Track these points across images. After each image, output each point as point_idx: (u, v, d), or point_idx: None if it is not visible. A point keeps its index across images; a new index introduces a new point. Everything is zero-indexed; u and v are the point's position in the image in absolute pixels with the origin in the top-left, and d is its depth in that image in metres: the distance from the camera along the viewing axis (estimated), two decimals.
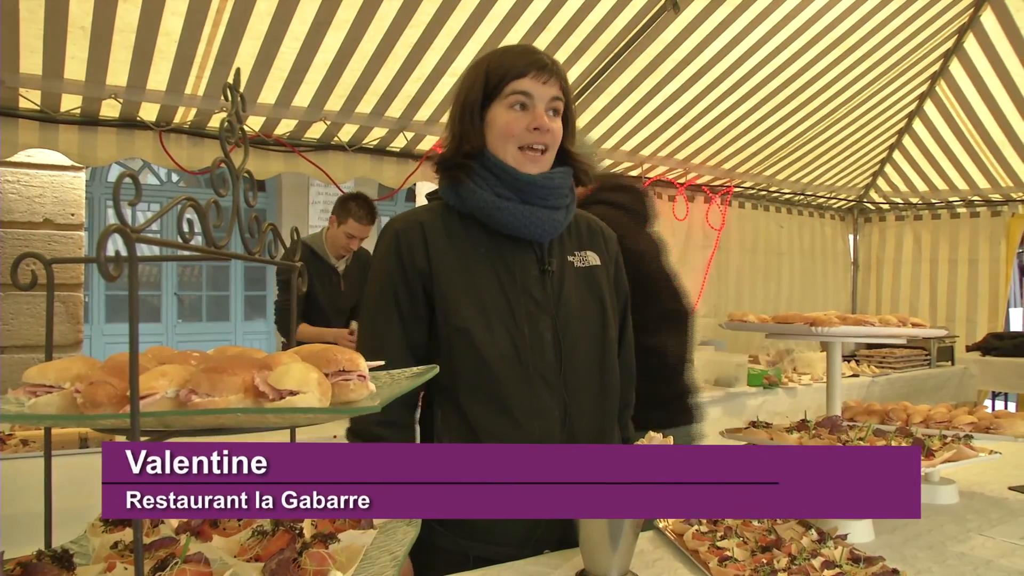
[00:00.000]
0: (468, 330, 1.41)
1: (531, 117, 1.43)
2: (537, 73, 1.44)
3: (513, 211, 1.44)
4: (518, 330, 1.43)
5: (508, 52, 1.51)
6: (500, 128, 1.45)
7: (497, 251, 1.47)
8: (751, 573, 1.18)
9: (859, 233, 7.27)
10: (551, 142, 1.46)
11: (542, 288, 1.47)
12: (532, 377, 1.42)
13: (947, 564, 1.31)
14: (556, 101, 1.46)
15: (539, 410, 1.42)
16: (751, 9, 4.02)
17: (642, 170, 5.33)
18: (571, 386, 1.45)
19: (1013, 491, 1.78)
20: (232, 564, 0.91)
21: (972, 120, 5.63)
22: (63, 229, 3.86)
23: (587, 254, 1.56)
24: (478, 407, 1.42)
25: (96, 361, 0.88)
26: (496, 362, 1.41)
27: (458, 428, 1.43)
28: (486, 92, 1.47)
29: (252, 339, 8.53)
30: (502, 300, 1.44)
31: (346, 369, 0.87)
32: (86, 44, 2.99)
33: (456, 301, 1.43)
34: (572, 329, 1.47)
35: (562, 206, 1.50)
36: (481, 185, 1.45)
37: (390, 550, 1.00)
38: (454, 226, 1.48)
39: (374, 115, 3.94)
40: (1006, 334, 5.93)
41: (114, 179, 5.05)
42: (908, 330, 1.69)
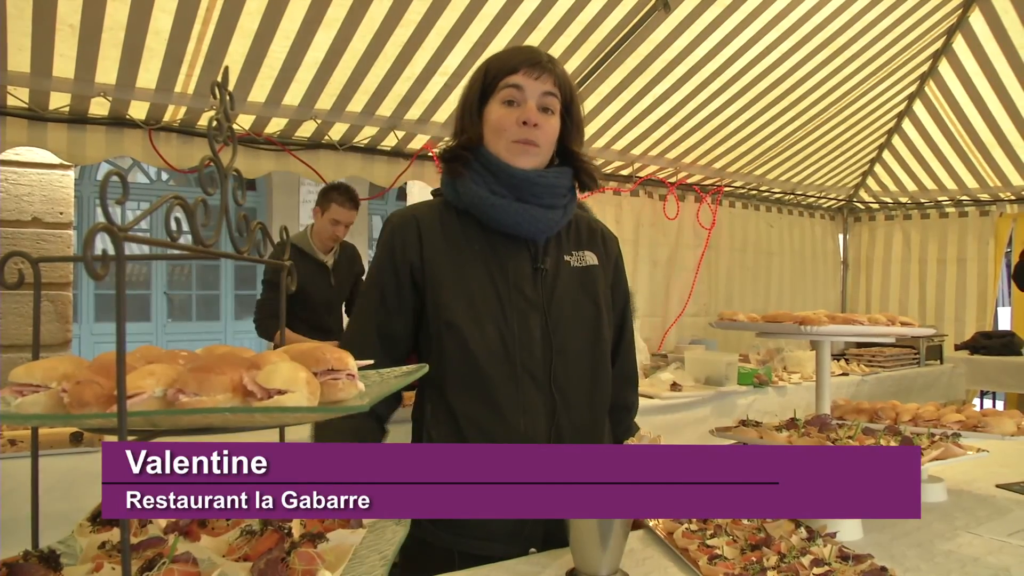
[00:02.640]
0: (457, 325, 1.42)
1: (521, 112, 1.44)
2: (529, 69, 1.45)
3: (507, 208, 1.44)
4: (507, 327, 1.43)
5: (508, 51, 1.54)
6: (493, 124, 1.46)
7: (491, 248, 1.47)
8: (741, 571, 1.19)
9: (849, 233, 7.31)
10: (541, 138, 1.46)
11: (534, 286, 1.47)
12: (519, 374, 1.43)
13: (935, 562, 1.31)
14: (549, 97, 1.46)
15: (525, 406, 1.42)
16: (742, 9, 4.03)
17: (633, 169, 5.35)
18: (560, 384, 1.46)
19: (1000, 489, 1.79)
20: (220, 564, 0.90)
21: (961, 120, 5.66)
22: (51, 228, 3.84)
23: (585, 254, 1.56)
24: (465, 401, 1.43)
25: (83, 360, 0.88)
26: (484, 357, 1.42)
27: (446, 422, 1.45)
28: (484, 90, 1.49)
29: (242, 338, 8.51)
30: (493, 296, 1.44)
31: (335, 368, 0.87)
32: (75, 42, 2.98)
33: (447, 296, 1.44)
34: (564, 328, 1.48)
35: (559, 205, 1.49)
36: (477, 182, 1.46)
37: (379, 549, 1.00)
38: (451, 222, 1.49)
39: (365, 114, 3.94)
40: (994, 333, 5.97)
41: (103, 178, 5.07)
42: (897, 329, 1.70)
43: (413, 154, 4.33)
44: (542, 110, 1.46)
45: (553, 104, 1.47)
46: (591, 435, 1.49)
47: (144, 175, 8.06)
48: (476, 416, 1.42)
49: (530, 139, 1.44)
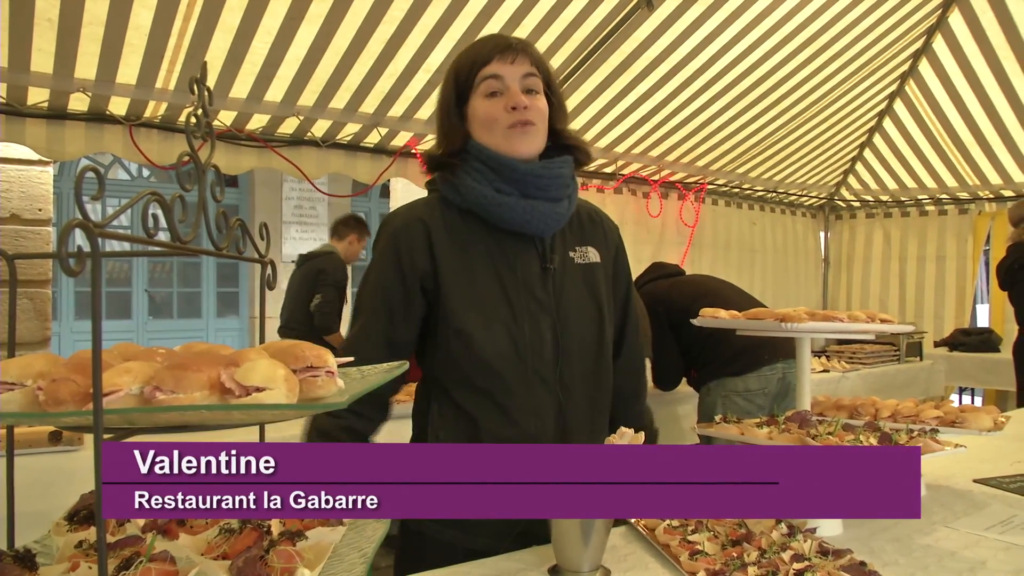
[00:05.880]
0: (467, 332, 1.39)
1: (506, 99, 1.41)
2: (502, 54, 1.42)
3: (514, 206, 1.40)
4: (518, 329, 1.41)
5: (473, 44, 1.50)
6: (481, 118, 1.43)
7: (499, 248, 1.44)
8: (722, 567, 1.19)
9: (830, 230, 7.36)
10: (535, 117, 1.42)
11: (543, 287, 1.44)
12: (530, 376, 1.41)
13: (913, 556, 1.33)
14: (530, 78, 1.43)
15: (535, 408, 1.41)
16: (725, 7, 4.05)
17: (616, 167, 5.36)
18: (566, 384, 1.44)
19: (978, 484, 1.81)
20: (198, 562, 0.90)
21: (941, 120, 5.72)
22: (30, 224, 3.80)
23: (588, 250, 1.53)
24: (474, 403, 1.41)
25: (59, 358, 0.87)
26: (495, 361, 1.39)
27: (454, 424, 1.43)
28: (460, 88, 1.46)
29: (224, 336, 8.45)
30: (503, 299, 1.41)
31: (314, 365, 0.87)
32: (53, 36, 2.94)
33: (456, 301, 1.40)
34: (571, 328, 1.46)
35: (564, 197, 1.46)
36: (479, 180, 1.41)
37: (359, 547, 1.00)
38: (454, 222, 1.45)
39: (348, 110, 3.92)
40: (972, 330, 6.04)
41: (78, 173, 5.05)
42: (876, 326, 1.71)
43: (396, 151, 4.32)
44: (526, 92, 1.42)
45: (536, 84, 1.44)
46: (591, 435, 1.48)
47: (125, 172, 7.98)
48: (486, 418, 1.40)
49: (526, 119, 1.40)
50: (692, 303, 3.31)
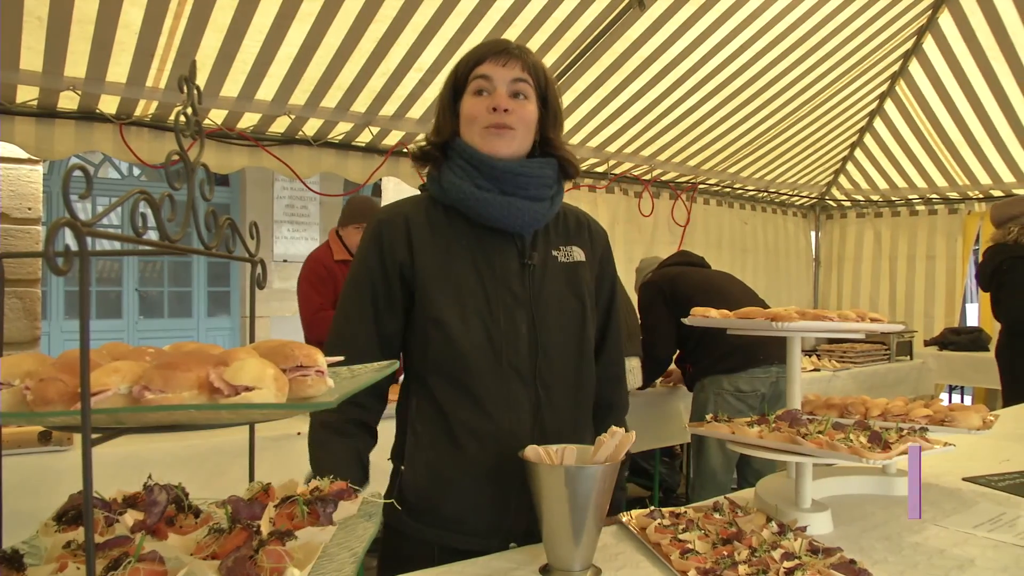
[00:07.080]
0: (444, 322, 1.41)
1: (490, 99, 1.43)
2: (495, 57, 1.44)
3: (493, 202, 1.43)
4: (494, 323, 1.42)
5: (477, 45, 1.52)
6: (465, 115, 1.46)
7: (478, 243, 1.46)
8: (712, 565, 1.19)
9: (821, 230, 7.39)
10: (514, 122, 1.44)
11: (521, 282, 1.46)
12: (505, 370, 1.42)
13: (902, 554, 1.33)
14: (520, 83, 1.45)
15: (510, 402, 1.42)
16: (716, 8, 4.06)
17: (608, 166, 5.36)
18: (544, 380, 1.45)
19: (966, 482, 1.82)
20: (187, 562, 0.89)
21: (931, 120, 5.75)
22: (19, 223, 3.78)
23: (572, 249, 1.55)
24: (451, 397, 1.42)
25: (47, 357, 0.86)
26: (470, 354, 1.41)
27: (432, 418, 1.44)
28: (456, 85, 1.49)
29: (215, 335, 8.42)
30: (480, 292, 1.43)
31: (304, 364, 0.86)
32: (43, 34, 2.93)
33: (434, 292, 1.42)
34: (549, 324, 1.47)
35: (545, 197, 1.48)
36: (461, 176, 1.44)
37: (349, 547, 0.99)
38: (438, 218, 1.48)
39: (339, 109, 3.91)
40: (962, 329, 6.06)
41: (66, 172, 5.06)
42: (867, 325, 1.71)
43: (388, 150, 4.31)
44: (513, 95, 1.44)
45: (525, 90, 1.46)
46: (573, 433, 1.48)
47: (115, 171, 7.94)
48: (461, 411, 1.42)
49: (503, 123, 1.43)
50: (693, 295, 3.35)
